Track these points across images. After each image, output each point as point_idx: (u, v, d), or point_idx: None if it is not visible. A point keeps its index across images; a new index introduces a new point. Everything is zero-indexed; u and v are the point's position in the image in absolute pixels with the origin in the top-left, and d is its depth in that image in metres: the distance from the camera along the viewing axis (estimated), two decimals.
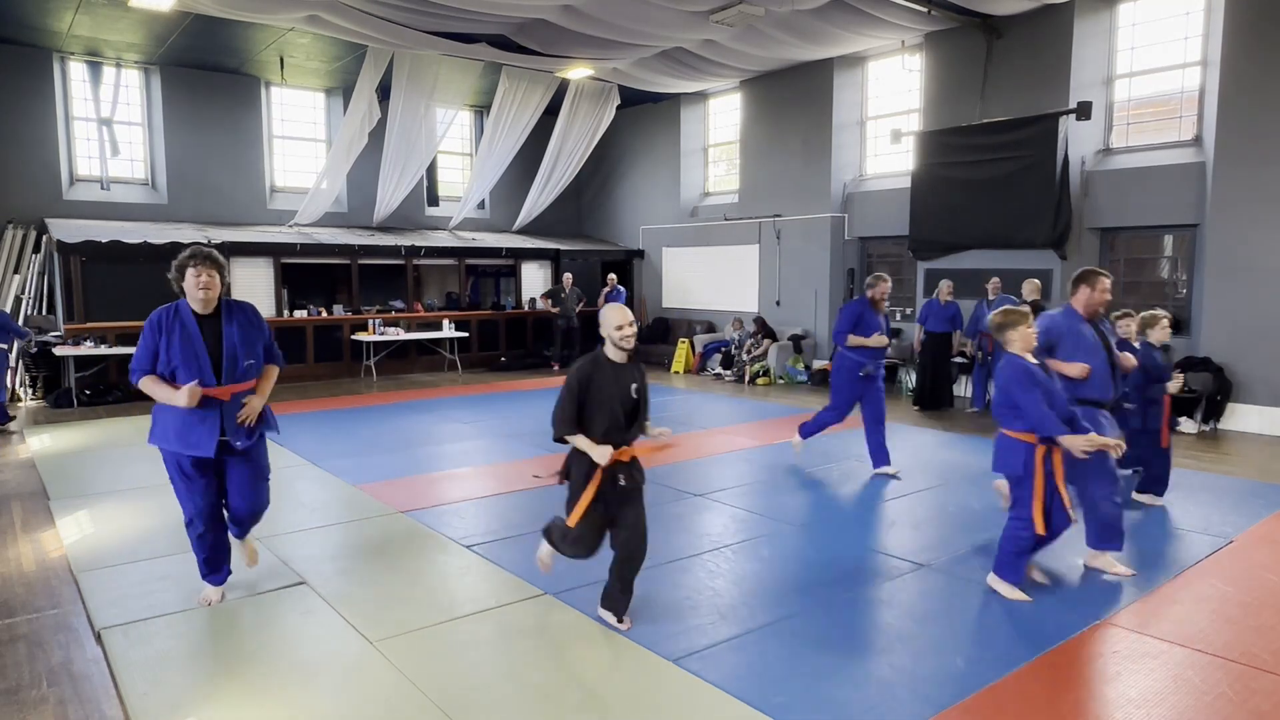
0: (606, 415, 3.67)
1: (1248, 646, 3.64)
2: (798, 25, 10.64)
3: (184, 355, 3.71)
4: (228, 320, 3.85)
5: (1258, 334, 8.64)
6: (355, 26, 10.42)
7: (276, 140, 14.12)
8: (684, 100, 15.17)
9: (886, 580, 4.46)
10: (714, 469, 7.05)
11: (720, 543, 5.10)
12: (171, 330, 3.71)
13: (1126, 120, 10.05)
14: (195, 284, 3.68)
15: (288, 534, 5.26)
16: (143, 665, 3.49)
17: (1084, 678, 3.38)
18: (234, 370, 3.83)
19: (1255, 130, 8.57)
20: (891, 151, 12.18)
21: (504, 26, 10.96)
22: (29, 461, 7.35)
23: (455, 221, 15.12)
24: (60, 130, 12.14)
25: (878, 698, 3.21)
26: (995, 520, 5.47)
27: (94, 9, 10.21)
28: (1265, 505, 5.82)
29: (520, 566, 4.59)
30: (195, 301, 3.72)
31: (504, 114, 13.94)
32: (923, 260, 11.67)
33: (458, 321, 13.99)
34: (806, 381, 12.37)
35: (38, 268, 11.42)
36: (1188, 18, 9.41)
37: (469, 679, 3.35)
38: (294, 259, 12.83)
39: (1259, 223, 8.60)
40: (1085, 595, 4.24)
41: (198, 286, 3.68)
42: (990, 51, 10.64)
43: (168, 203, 12.93)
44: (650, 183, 16.05)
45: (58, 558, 4.86)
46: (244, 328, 3.89)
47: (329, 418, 9.50)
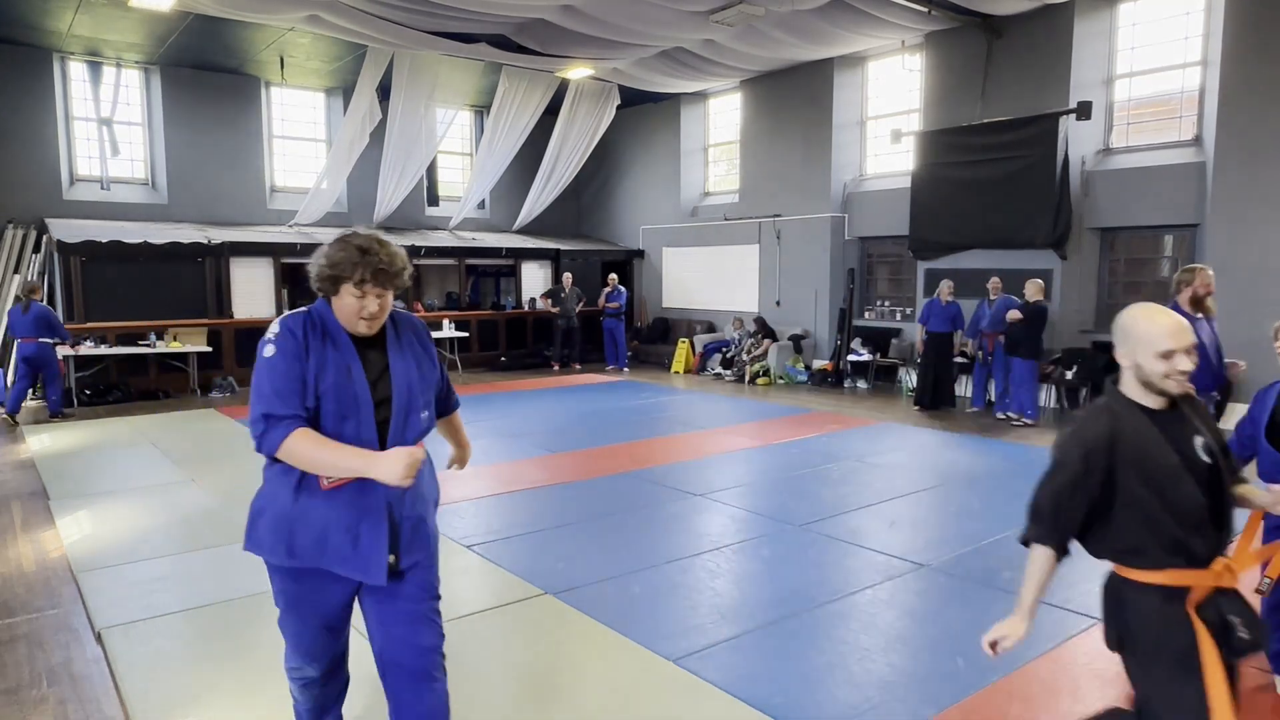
0: (1169, 508, 2.04)
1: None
2: (798, 25, 10.64)
3: (339, 398, 2.22)
4: (396, 346, 2.36)
5: (1258, 334, 8.62)
6: (355, 26, 10.42)
7: (276, 140, 14.11)
8: (684, 100, 15.17)
9: (886, 580, 4.46)
10: (714, 469, 7.05)
11: (720, 543, 5.10)
12: (322, 351, 2.24)
13: (1126, 120, 10.05)
14: (356, 310, 2.23)
15: None
16: (143, 665, 3.49)
17: (1084, 678, 3.38)
18: (404, 427, 2.30)
19: (1255, 130, 8.57)
20: (891, 151, 12.18)
21: (504, 26, 10.96)
22: (29, 461, 7.35)
23: (455, 221, 15.12)
24: (60, 130, 12.14)
25: (878, 698, 3.21)
26: (995, 520, 5.48)
27: (94, 9, 10.21)
28: None
29: (520, 566, 4.59)
30: (349, 323, 2.28)
31: (504, 114, 13.94)
32: (923, 260, 11.67)
33: (458, 321, 13.98)
34: (806, 381, 12.37)
35: (38, 268, 11.41)
36: (1188, 18, 9.41)
37: (469, 679, 3.35)
38: (294, 259, 12.81)
39: (1259, 223, 8.60)
40: (1085, 595, 4.24)
41: (359, 315, 2.23)
42: (990, 51, 10.64)
43: (168, 203, 12.93)
44: (650, 183, 16.05)
45: (58, 558, 4.86)
46: (419, 359, 2.42)
47: None
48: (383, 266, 2.20)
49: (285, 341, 2.21)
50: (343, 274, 2.18)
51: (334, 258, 2.19)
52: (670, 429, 8.92)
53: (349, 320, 2.25)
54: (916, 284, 11.89)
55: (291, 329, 2.23)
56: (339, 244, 2.22)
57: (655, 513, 5.75)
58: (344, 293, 2.20)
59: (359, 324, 2.24)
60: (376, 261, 2.19)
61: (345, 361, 2.24)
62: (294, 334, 2.22)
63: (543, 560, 4.74)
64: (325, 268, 2.20)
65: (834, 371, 12.15)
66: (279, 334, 2.22)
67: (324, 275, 2.21)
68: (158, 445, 7.91)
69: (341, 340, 2.26)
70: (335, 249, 2.21)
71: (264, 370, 2.19)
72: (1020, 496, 6.25)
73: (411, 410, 2.32)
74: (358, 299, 2.20)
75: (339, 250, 2.20)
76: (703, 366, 13.71)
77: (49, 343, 9.29)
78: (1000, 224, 10.47)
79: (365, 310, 2.22)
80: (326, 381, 2.20)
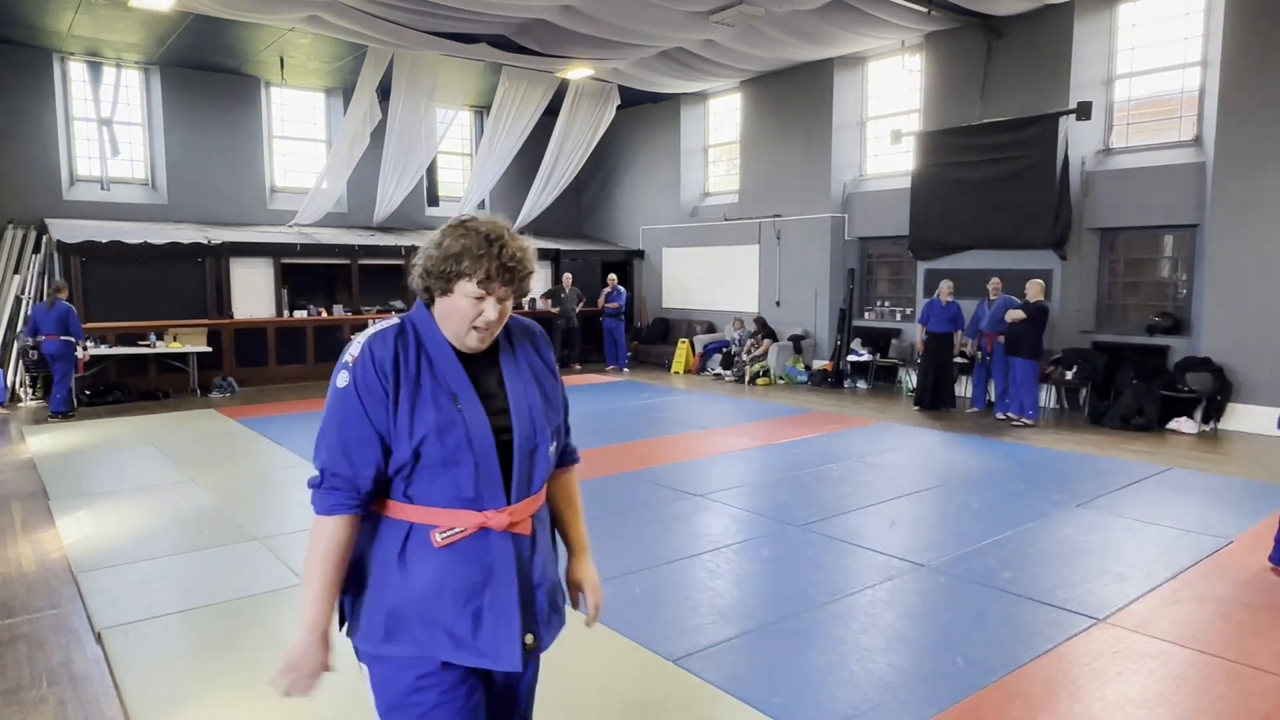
0: None
1: (1248, 647, 3.64)
2: (798, 25, 10.64)
3: (444, 442, 1.69)
4: (510, 359, 1.85)
5: (1258, 334, 8.63)
6: (355, 26, 10.42)
7: (276, 140, 14.11)
8: (684, 100, 15.17)
9: (886, 580, 4.46)
10: (714, 469, 7.05)
11: (720, 543, 5.10)
12: (416, 380, 1.72)
13: (1126, 120, 10.05)
14: (470, 316, 1.71)
15: (287, 534, 5.25)
16: (143, 665, 3.49)
17: (1084, 678, 3.38)
18: (528, 471, 1.78)
19: (1255, 130, 8.57)
20: (891, 151, 12.18)
21: (504, 26, 10.96)
22: (29, 461, 7.35)
23: None
24: (60, 130, 12.14)
25: (878, 698, 3.21)
26: (995, 520, 5.48)
27: (94, 9, 10.21)
28: (1265, 505, 5.82)
29: None
30: (457, 336, 1.74)
31: (504, 114, 13.94)
32: (923, 260, 11.66)
33: None
34: (806, 382, 12.37)
35: (38, 268, 11.41)
36: (1188, 18, 9.41)
37: None
38: (294, 259, 12.83)
39: (1259, 223, 8.60)
40: (1085, 595, 4.24)
41: (470, 322, 1.71)
42: (990, 51, 10.64)
43: (168, 203, 12.93)
44: (650, 183, 16.05)
45: (58, 558, 4.86)
46: (540, 374, 1.90)
47: None
48: (513, 263, 1.71)
49: (364, 372, 1.68)
50: (462, 269, 1.68)
51: (451, 247, 1.69)
52: (670, 429, 8.91)
53: (457, 331, 1.72)
54: (916, 284, 11.89)
55: (375, 353, 1.70)
56: (457, 230, 1.73)
57: (655, 513, 5.74)
58: (458, 293, 1.70)
59: (470, 335, 1.72)
60: (506, 255, 1.70)
61: (449, 389, 1.70)
62: (378, 361, 1.69)
63: None
64: (438, 259, 1.70)
65: (834, 371, 12.15)
66: (358, 359, 1.70)
67: (435, 269, 1.70)
68: (158, 445, 7.91)
69: (444, 360, 1.73)
70: (452, 236, 1.72)
71: (333, 408, 1.71)
72: (1020, 496, 6.27)
73: (538, 446, 1.78)
74: (475, 302, 1.69)
75: (458, 237, 1.70)
76: (703, 366, 13.71)
77: (70, 341, 9.48)
78: (1000, 224, 10.47)
79: (483, 318, 1.70)
80: (425, 422, 1.66)
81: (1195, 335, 9.25)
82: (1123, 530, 5.28)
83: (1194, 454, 7.65)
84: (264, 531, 5.27)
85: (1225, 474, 6.84)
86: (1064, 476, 6.71)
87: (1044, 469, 6.98)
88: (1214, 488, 6.38)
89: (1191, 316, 9.42)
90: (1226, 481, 6.57)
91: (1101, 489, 6.27)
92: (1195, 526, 5.38)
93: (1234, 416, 8.81)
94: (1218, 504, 5.90)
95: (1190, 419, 8.77)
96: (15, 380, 10.69)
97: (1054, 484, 6.44)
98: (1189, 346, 9.26)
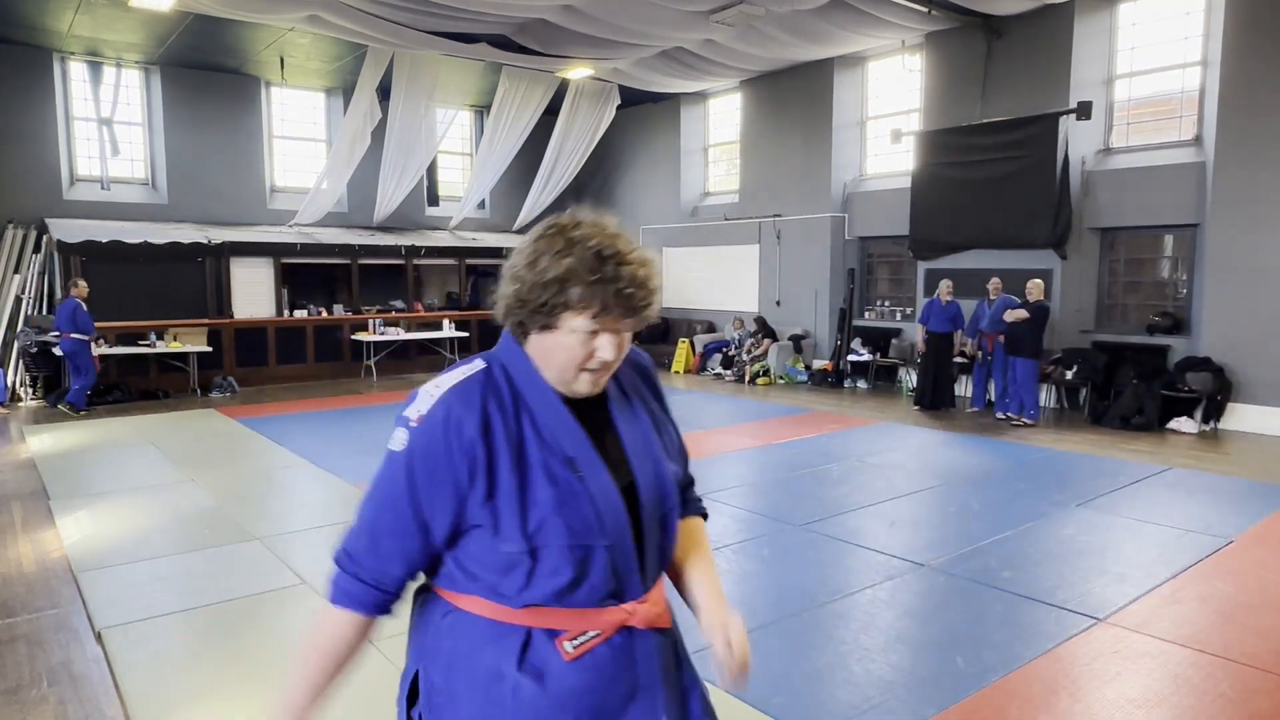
0: None
1: (1248, 646, 3.64)
2: (798, 25, 10.64)
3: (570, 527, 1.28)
4: (621, 402, 1.45)
5: (1258, 334, 8.64)
6: (355, 26, 10.42)
7: (276, 140, 14.11)
8: (684, 100, 15.17)
9: (886, 580, 4.46)
10: (714, 469, 7.05)
11: (720, 543, 5.10)
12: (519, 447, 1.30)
13: (1126, 120, 10.05)
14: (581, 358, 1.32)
15: (288, 534, 5.25)
16: (143, 665, 3.49)
17: (1084, 678, 3.38)
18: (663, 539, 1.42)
19: (1255, 130, 8.57)
20: (891, 151, 12.17)
21: (504, 26, 10.96)
22: (29, 461, 7.35)
23: (455, 221, 15.12)
24: (60, 130, 12.13)
25: (878, 698, 3.21)
26: (995, 520, 5.48)
27: (94, 9, 10.21)
28: (1265, 505, 5.82)
29: None
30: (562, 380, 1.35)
31: (504, 114, 13.94)
32: (923, 260, 11.66)
33: (458, 321, 13.99)
34: (806, 381, 12.37)
35: (38, 268, 11.42)
36: (1188, 18, 9.41)
37: None
38: (294, 259, 12.83)
39: (1259, 223, 8.60)
40: (1085, 595, 4.24)
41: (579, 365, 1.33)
42: (990, 51, 10.64)
43: (168, 202, 12.93)
44: (650, 183, 16.05)
45: (58, 558, 4.86)
46: (657, 419, 1.50)
47: (329, 417, 9.50)
48: (633, 288, 1.28)
49: (430, 440, 1.27)
50: (569, 299, 1.26)
51: (551, 270, 1.26)
52: None
53: (562, 374, 1.32)
54: (916, 284, 11.89)
55: (453, 414, 1.27)
56: (556, 242, 1.29)
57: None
58: (564, 329, 1.28)
59: (580, 380, 1.32)
60: (625, 278, 1.28)
61: (563, 452, 1.30)
62: (455, 426, 1.26)
63: None
64: (533, 286, 1.27)
65: (834, 371, 12.15)
66: (425, 419, 1.28)
67: (532, 299, 1.28)
68: (158, 445, 7.92)
69: (551, 413, 1.31)
70: (551, 254, 1.27)
71: (379, 476, 1.32)
72: (1020, 496, 6.28)
73: (669, 513, 1.40)
74: (586, 339, 1.29)
75: (558, 256, 1.27)
76: (703, 366, 13.71)
77: (75, 338, 9.61)
78: (1000, 224, 10.47)
79: (597, 358, 1.30)
80: (540, 503, 1.25)
81: (1195, 335, 9.25)
82: (1123, 530, 5.28)
83: (1194, 454, 7.65)
84: (264, 531, 5.27)
85: (1225, 474, 6.84)
86: (1064, 476, 6.71)
87: (1044, 469, 6.98)
88: (1214, 487, 6.38)
89: (1191, 316, 9.42)
90: (1226, 481, 6.57)
91: (1101, 489, 6.27)
92: (1195, 526, 5.38)
93: (1234, 416, 8.81)
94: (1218, 504, 5.91)
95: (1190, 419, 8.77)
96: (15, 380, 10.69)
97: (1054, 484, 6.44)
98: (1189, 346, 9.26)
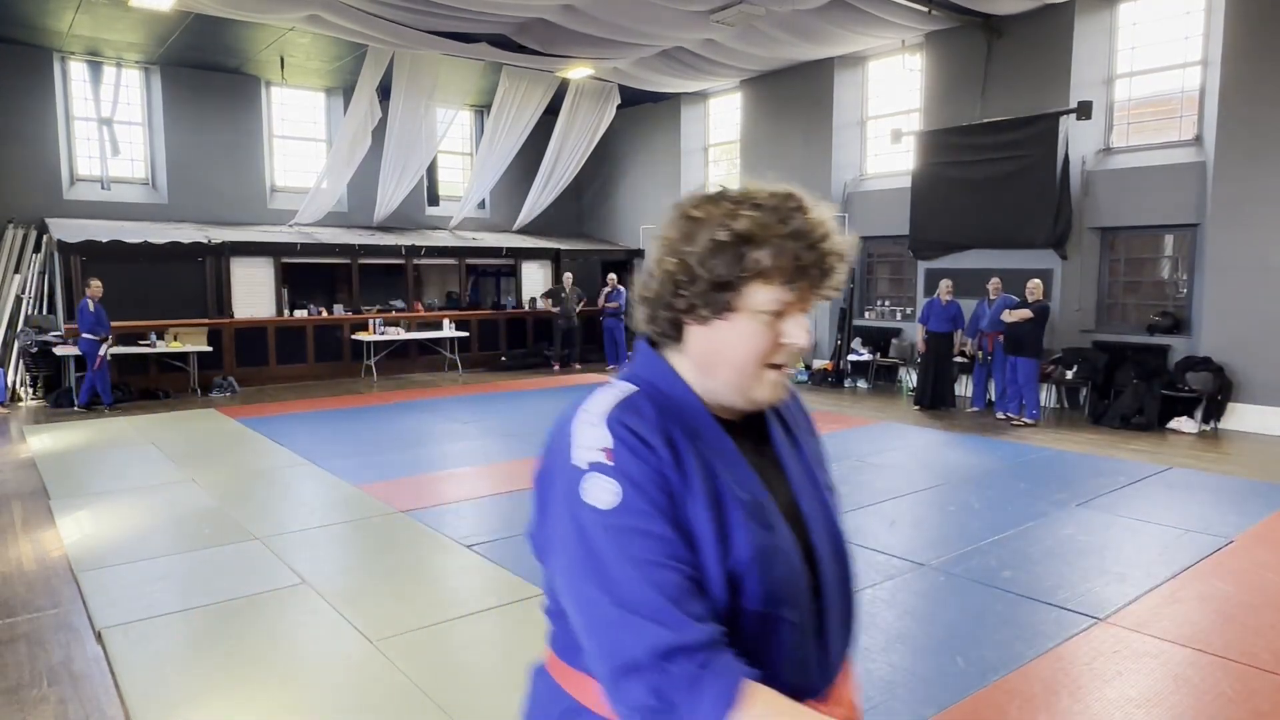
0: None
1: (1248, 646, 3.63)
2: (798, 25, 10.64)
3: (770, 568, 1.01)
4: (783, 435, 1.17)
5: (1258, 334, 8.64)
6: (355, 26, 10.42)
7: (277, 140, 14.11)
8: (684, 100, 15.17)
9: (886, 580, 4.46)
10: None
11: None
12: (711, 479, 1.01)
13: (1126, 120, 10.05)
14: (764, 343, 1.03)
15: (288, 534, 5.25)
16: (143, 665, 3.49)
17: (1084, 678, 3.38)
18: (849, 618, 1.16)
19: (1255, 130, 8.57)
20: (891, 151, 12.17)
21: (504, 26, 10.96)
22: (29, 461, 7.35)
23: (455, 221, 15.12)
24: (60, 130, 12.14)
25: (878, 698, 3.21)
26: (995, 520, 5.48)
27: (94, 9, 10.21)
28: (1265, 505, 5.82)
29: (520, 566, 4.59)
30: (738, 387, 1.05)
31: (504, 114, 13.94)
32: (923, 260, 11.66)
33: (458, 321, 13.99)
34: (806, 381, 12.37)
35: (38, 268, 11.42)
36: (1188, 18, 9.41)
37: (469, 679, 3.35)
38: (294, 259, 12.83)
39: (1259, 223, 8.60)
40: (1085, 595, 4.24)
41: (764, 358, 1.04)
42: (990, 51, 10.64)
43: (168, 202, 12.93)
44: (650, 182, 16.05)
45: (58, 557, 4.86)
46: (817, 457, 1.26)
47: (329, 417, 9.50)
48: (826, 241, 1.06)
49: (637, 465, 0.98)
50: (758, 263, 1.00)
51: (727, 228, 1.01)
52: None
53: (740, 375, 1.05)
54: (916, 284, 11.89)
55: (638, 430, 1.00)
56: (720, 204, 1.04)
57: None
58: (745, 308, 1.02)
59: (763, 380, 1.06)
60: (817, 232, 1.05)
61: (751, 492, 1.05)
62: (647, 440, 0.99)
63: None
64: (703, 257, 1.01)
65: (834, 371, 12.15)
66: (616, 448, 0.98)
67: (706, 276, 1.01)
68: (158, 445, 7.91)
69: (719, 442, 1.06)
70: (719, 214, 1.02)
71: (605, 542, 0.95)
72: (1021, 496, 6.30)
73: (849, 578, 1.17)
74: (771, 321, 1.03)
75: (732, 212, 1.02)
76: None
77: (85, 338, 9.76)
78: (1000, 224, 10.47)
79: (789, 343, 1.05)
80: (742, 547, 1.00)
81: (1195, 335, 9.25)
82: (1123, 530, 5.27)
83: (1194, 453, 7.65)
84: (264, 531, 5.27)
85: (1225, 473, 6.84)
86: (1064, 476, 6.71)
87: (1044, 468, 6.98)
88: (1214, 487, 6.38)
89: (1191, 316, 9.41)
90: (1226, 481, 6.57)
91: (1102, 488, 6.27)
92: (1195, 526, 5.38)
93: (1234, 416, 8.81)
94: (1218, 503, 5.90)
95: (1190, 418, 8.77)
96: (15, 380, 10.70)
97: (1054, 483, 6.44)
98: (1189, 346, 9.26)
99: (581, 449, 1.00)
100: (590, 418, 1.03)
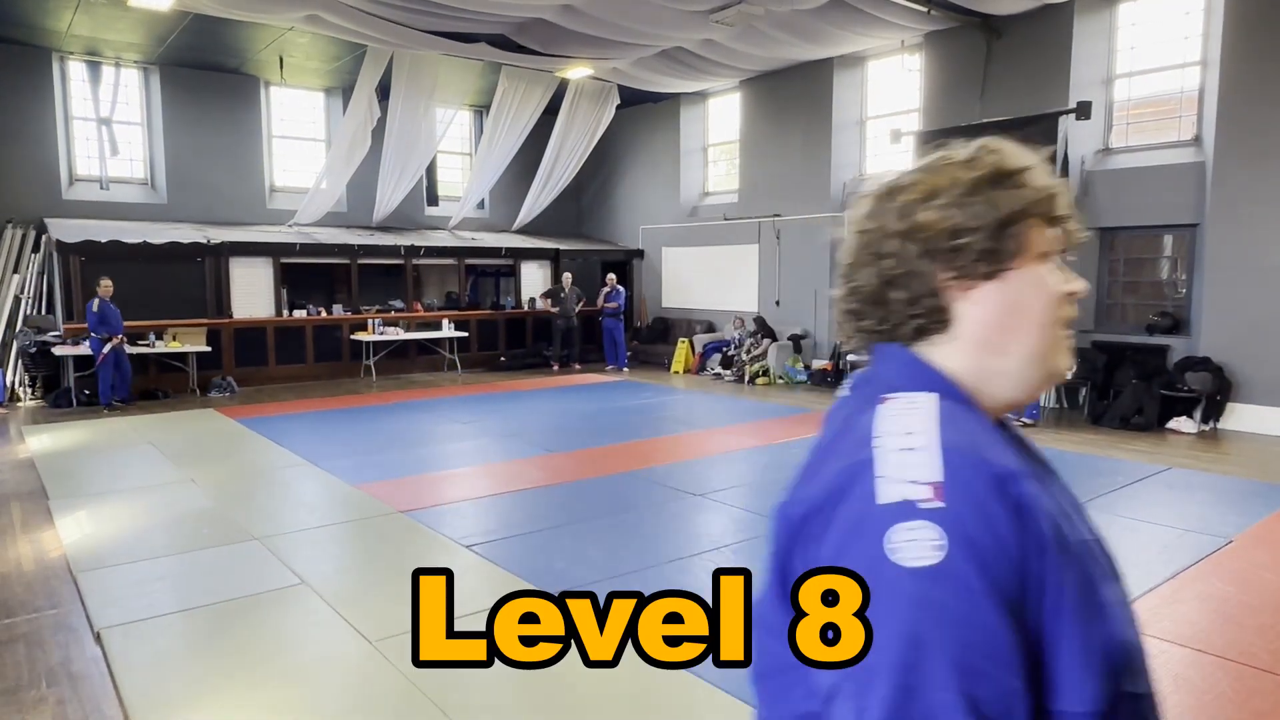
0: None
1: (1248, 646, 3.63)
2: (798, 25, 10.64)
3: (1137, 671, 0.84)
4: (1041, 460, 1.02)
5: (1258, 334, 8.64)
6: (355, 26, 10.41)
7: (276, 140, 14.11)
8: (684, 100, 15.17)
9: None
10: (714, 469, 7.05)
11: (720, 543, 5.10)
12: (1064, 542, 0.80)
13: (1126, 120, 10.05)
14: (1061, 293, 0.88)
15: (288, 534, 5.25)
16: (142, 665, 3.49)
17: None
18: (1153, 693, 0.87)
19: (1255, 130, 8.57)
20: (891, 151, 12.17)
21: (504, 26, 10.96)
22: (29, 461, 7.34)
23: (455, 221, 15.12)
24: (60, 130, 12.13)
25: None
26: None
27: (94, 9, 10.21)
28: (1265, 505, 5.82)
29: (520, 566, 4.59)
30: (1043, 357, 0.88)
31: (504, 114, 13.94)
32: None
33: (457, 321, 13.98)
34: (806, 381, 12.37)
35: (37, 267, 11.42)
36: (1188, 18, 9.40)
37: (469, 679, 3.35)
38: (294, 259, 12.83)
39: (1259, 223, 8.60)
40: None
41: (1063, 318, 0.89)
42: (990, 51, 10.64)
43: (167, 202, 12.92)
44: (650, 183, 16.05)
45: (57, 558, 4.86)
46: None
47: (328, 417, 9.49)
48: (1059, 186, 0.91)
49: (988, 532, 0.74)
50: (1044, 203, 0.88)
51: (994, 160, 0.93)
52: (670, 429, 8.91)
53: (1041, 343, 0.88)
54: None
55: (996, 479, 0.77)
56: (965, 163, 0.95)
57: (655, 513, 5.74)
58: (1030, 248, 0.87)
59: (1062, 347, 0.91)
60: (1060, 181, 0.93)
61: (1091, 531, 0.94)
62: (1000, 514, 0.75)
63: (543, 560, 4.74)
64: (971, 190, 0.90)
65: (834, 371, 12.14)
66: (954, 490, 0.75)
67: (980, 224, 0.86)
68: (157, 445, 7.91)
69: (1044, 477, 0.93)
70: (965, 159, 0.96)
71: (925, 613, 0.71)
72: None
73: None
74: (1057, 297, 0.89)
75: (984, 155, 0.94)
76: (702, 366, 13.70)
77: (94, 337, 9.87)
78: None
79: (1076, 297, 0.91)
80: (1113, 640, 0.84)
81: (1195, 335, 9.25)
82: (1122, 530, 5.27)
83: (1194, 453, 7.65)
84: (264, 531, 5.26)
85: (1225, 473, 6.84)
86: (1063, 476, 6.69)
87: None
88: (1214, 487, 6.37)
89: (1191, 316, 9.41)
90: (1226, 481, 6.57)
91: (1101, 488, 6.27)
92: (1195, 526, 5.38)
93: (1233, 416, 8.81)
94: (1217, 503, 5.90)
95: (1190, 418, 8.77)
96: (14, 380, 10.69)
97: None
98: (1189, 346, 9.26)
99: (888, 483, 0.76)
100: (899, 440, 0.80)
